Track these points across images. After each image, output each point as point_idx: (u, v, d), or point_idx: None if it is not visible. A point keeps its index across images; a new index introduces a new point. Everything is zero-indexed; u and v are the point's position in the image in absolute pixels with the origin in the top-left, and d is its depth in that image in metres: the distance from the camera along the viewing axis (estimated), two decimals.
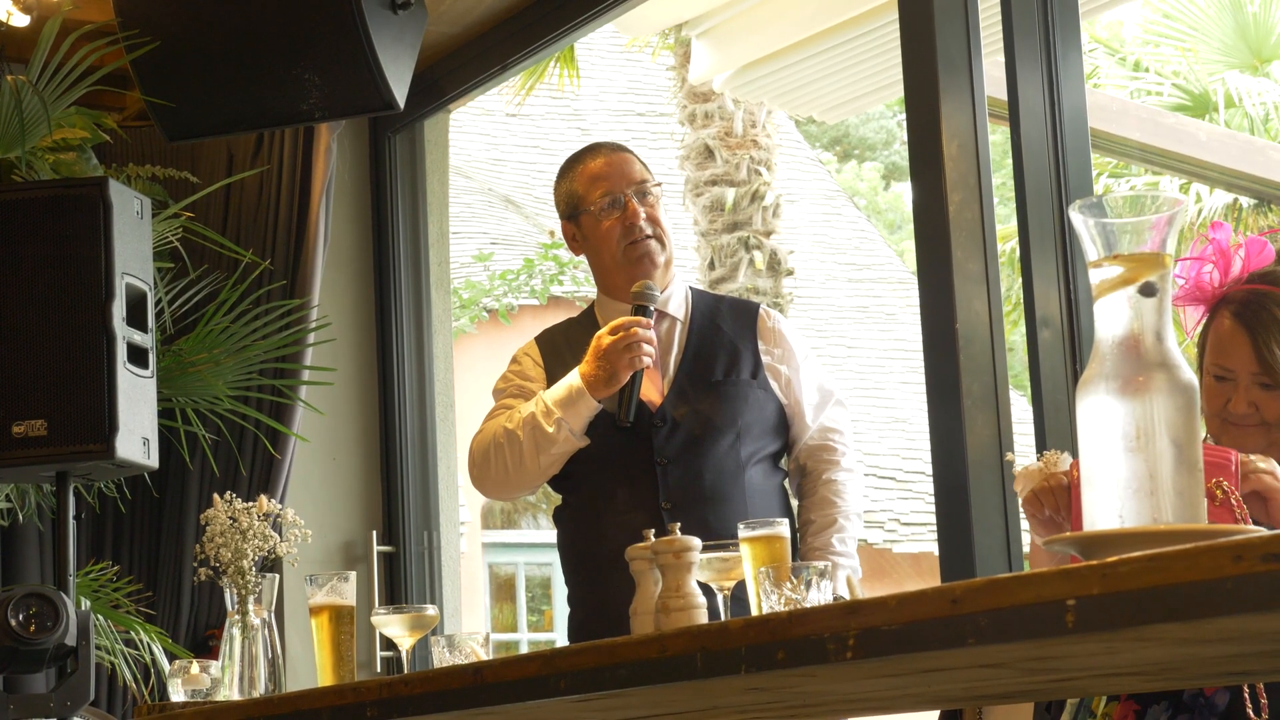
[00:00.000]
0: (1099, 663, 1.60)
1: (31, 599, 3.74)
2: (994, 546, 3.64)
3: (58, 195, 3.97)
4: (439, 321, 5.55)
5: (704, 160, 10.54)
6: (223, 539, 2.91)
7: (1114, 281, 1.45)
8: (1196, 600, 1.24)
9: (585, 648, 1.84)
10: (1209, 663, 1.67)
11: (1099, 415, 1.43)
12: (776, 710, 2.17)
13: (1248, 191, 8.95)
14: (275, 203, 5.25)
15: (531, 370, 3.67)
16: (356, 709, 2.21)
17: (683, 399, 3.53)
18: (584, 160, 3.66)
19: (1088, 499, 1.45)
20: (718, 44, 6.41)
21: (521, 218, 14.50)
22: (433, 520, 5.42)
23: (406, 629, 2.87)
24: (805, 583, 2.22)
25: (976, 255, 3.72)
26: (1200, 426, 1.46)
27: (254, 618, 2.94)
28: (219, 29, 4.51)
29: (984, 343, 3.70)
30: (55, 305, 3.90)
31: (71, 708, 3.78)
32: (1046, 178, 3.72)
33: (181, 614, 5.09)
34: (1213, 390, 2.66)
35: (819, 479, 3.58)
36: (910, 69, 3.83)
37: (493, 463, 3.56)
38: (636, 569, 2.41)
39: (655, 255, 3.58)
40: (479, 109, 14.65)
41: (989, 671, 1.67)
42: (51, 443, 3.85)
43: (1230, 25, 11.69)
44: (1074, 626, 1.32)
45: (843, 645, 1.53)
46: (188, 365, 4.76)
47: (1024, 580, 1.38)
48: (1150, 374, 1.42)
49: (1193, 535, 1.37)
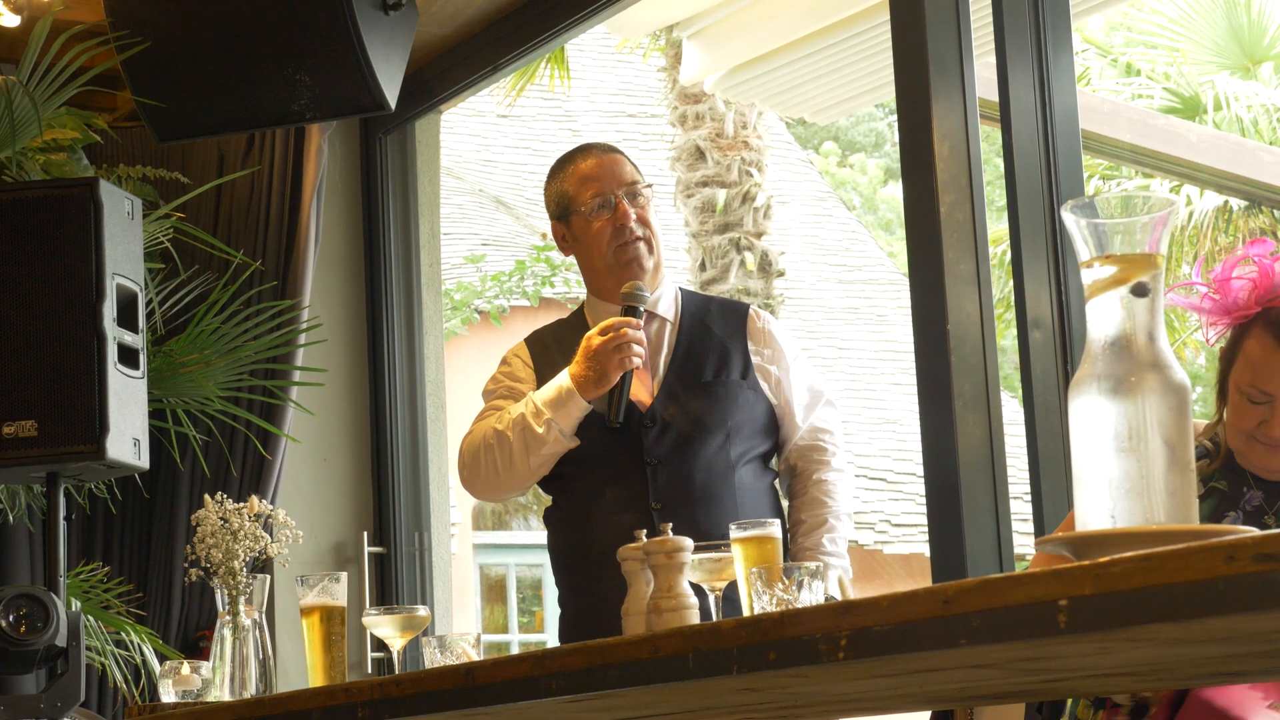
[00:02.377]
0: (1091, 663, 1.60)
1: (22, 600, 3.73)
2: (985, 547, 3.64)
3: (49, 196, 3.96)
4: (430, 323, 5.54)
5: (695, 161, 10.53)
6: (214, 540, 2.91)
7: (1106, 282, 1.45)
8: (1189, 600, 1.24)
9: (577, 648, 1.84)
10: (1201, 663, 1.67)
11: (1091, 415, 1.43)
12: (767, 711, 2.17)
13: (1238, 193, 8.96)
14: (266, 203, 5.25)
15: (521, 371, 3.66)
16: (348, 710, 2.20)
17: (672, 399, 3.53)
18: (575, 161, 3.66)
19: (1080, 499, 1.45)
20: (709, 45, 6.40)
21: (512, 219, 14.49)
22: (423, 521, 5.42)
23: (398, 630, 2.87)
24: (797, 583, 2.22)
25: (968, 256, 3.72)
26: (1192, 427, 1.46)
27: (245, 618, 2.93)
28: (210, 29, 4.50)
29: (975, 343, 3.70)
30: (46, 306, 3.89)
31: (62, 709, 3.78)
32: (1038, 178, 3.72)
33: (172, 615, 5.09)
34: (1243, 410, 2.62)
35: (809, 479, 3.57)
36: (902, 70, 3.83)
37: (483, 464, 3.55)
38: (628, 569, 2.41)
39: (644, 257, 3.58)
40: (469, 110, 14.64)
41: (981, 672, 1.67)
42: (42, 443, 3.84)
43: (1223, 27, 11.71)
44: (1066, 627, 1.32)
45: (835, 646, 1.53)
46: (178, 366, 4.75)
47: (1016, 581, 1.38)
48: (1142, 374, 1.42)
49: (1185, 535, 1.37)
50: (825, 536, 3.51)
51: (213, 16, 4.49)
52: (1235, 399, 2.63)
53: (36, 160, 4.47)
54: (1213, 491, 2.66)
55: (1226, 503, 2.63)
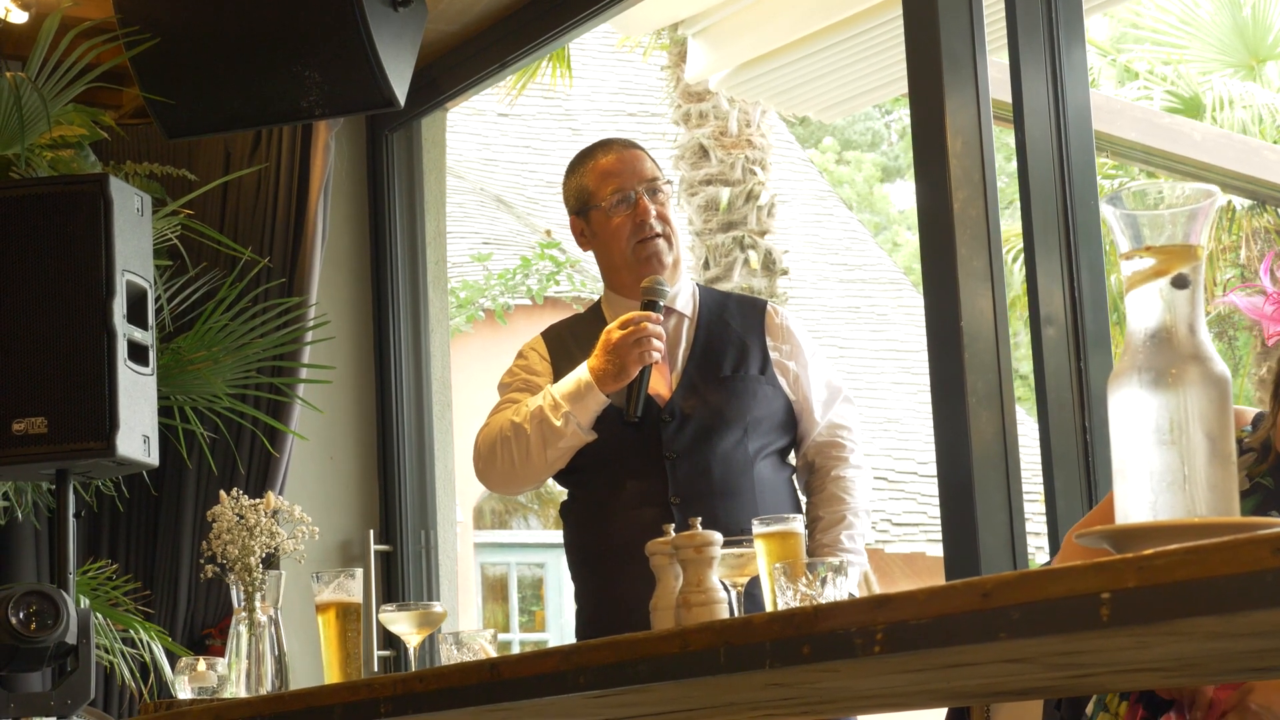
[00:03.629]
0: (1126, 657, 1.59)
1: (32, 597, 3.72)
2: (998, 545, 3.63)
3: (58, 192, 3.95)
4: (436, 320, 5.53)
5: (699, 160, 10.53)
6: (230, 535, 2.90)
7: (1146, 274, 1.44)
8: (1236, 593, 1.23)
9: (605, 643, 1.83)
10: (1233, 658, 1.66)
11: (1132, 408, 1.42)
12: (792, 707, 2.16)
13: (1243, 192, 8.95)
14: (273, 201, 5.24)
15: (538, 365, 3.65)
16: (370, 705, 2.19)
17: (691, 394, 3.52)
18: (596, 156, 3.65)
19: (1120, 492, 1.44)
20: (714, 43, 6.40)
21: (514, 218, 14.48)
22: (430, 519, 5.41)
23: (414, 626, 2.86)
24: (821, 579, 2.21)
25: (981, 253, 3.71)
26: (1233, 420, 1.45)
27: (261, 614, 2.92)
28: (219, 26, 4.49)
29: (988, 340, 3.69)
30: (56, 302, 3.88)
31: (72, 706, 3.76)
32: (1051, 175, 3.72)
33: (179, 612, 5.07)
34: None
35: (827, 475, 3.57)
36: (915, 66, 3.82)
37: (499, 456, 3.53)
38: (656, 564, 2.40)
39: (664, 253, 3.57)
40: (471, 109, 14.63)
41: (1014, 666, 1.66)
42: (52, 440, 3.82)
43: (1228, 24, 11.70)
44: (1109, 620, 1.31)
45: (870, 640, 1.52)
46: (186, 363, 4.75)
47: (1057, 574, 1.36)
48: (1183, 366, 1.41)
49: (1228, 528, 1.36)
50: (844, 534, 3.50)
51: (221, 13, 4.48)
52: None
53: (44, 157, 4.46)
54: (1258, 488, 2.64)
55: (1272, 500, 2.61)
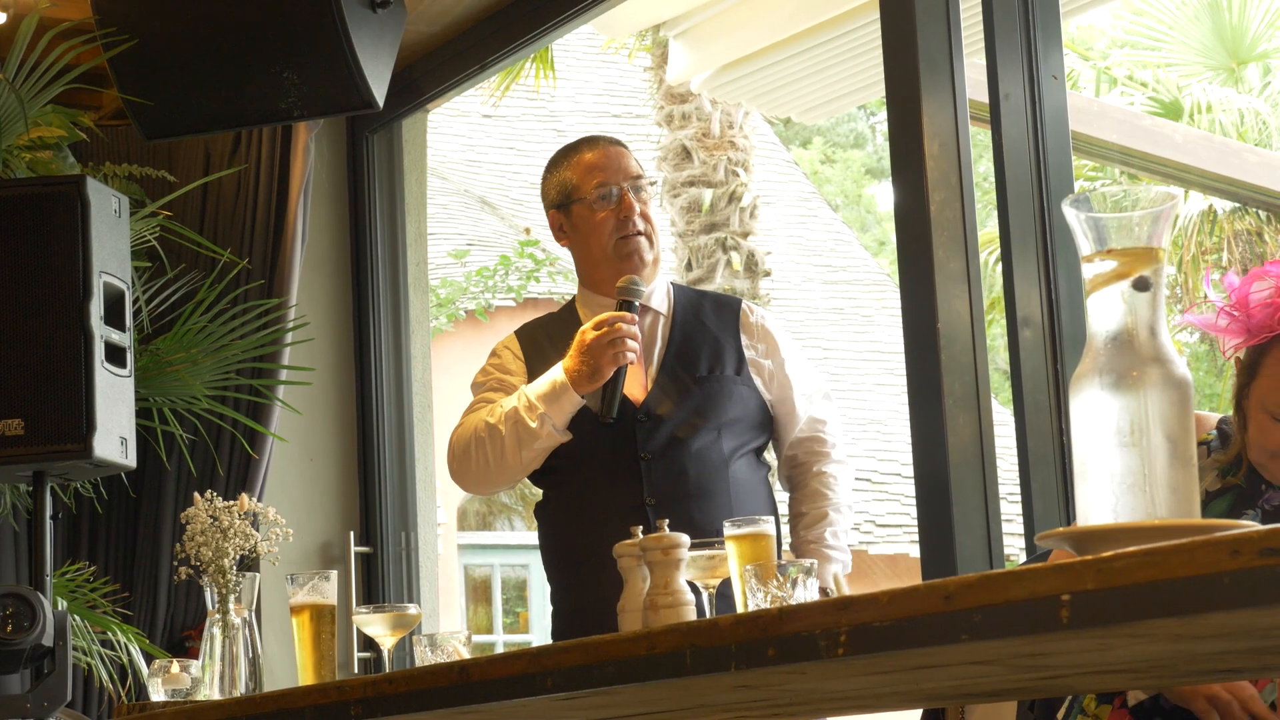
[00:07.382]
0: (1091, 659, 1.59)
1: (8, 599, 3.71)
2: (975, 547, 3.64)
3: (36, 193, 3.94)
4: (417, 321, 5.53)
5: (681, 161, 10.53)
6: (203, 538, 2.89)
7: (1107, 276, 1.45)
8: (1193, 595, 1.23)
9: (573, 645, 1.83)
10: (1199, 659, 1.67)
11: (1093, 410, 1.43)
12: (762, 709, 2.16)
13: (1224, 194, 8.97)
14: (253, 202, 5.23)
15: (511, 364, 3.64)
16: (340, 708, 2.19)
17: (666, 394, 3.51)
18: (580, 150, 3.64)
19: (1081, 494, 1.45)
20: (696, 44, 6.39)
21: (497, 219, 14.47)
22: (410, 521, 5.40)
23: (388, 628, 2.86)
24: (791, 581, 2.22)
25: (958, 254, 3.72)
26: (1194, 422, 1.45)
27: (235, 617, 2.92)
28: (197, 27, 4.48)
29: (965, 342, 3.69)
30: (32, 304, 3.87)
31: (49, 708, 3.76)
32: (1028, 177, 3.72)
33: (158, 615, 5.07)
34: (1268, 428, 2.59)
35: (809, 471, 3.57)
36: (891, 68, 3.83)
37: (473, 457, 3.53)
38: (624, 566, 2.40)
39: (645, 251, 3.57)
40: (454, 110, 14.62)
41: (979, 668, 1.66)
42: (28, 442, 3.82)
43: (1208, 27, 11.73)
44: (1069, 622, 1.32)
45: (834, 642, 1.52)
46: (165, 365, 4.74)
47: (1018, 576, 1.37)
48: (1144, 369, 1.42)
49: (1187, 530, 1.36)
50: (827, 530, 3.51)
51: (200, 14, 4.47)
52: (1260, 418, 2.60)
53: (22, 158, 4.46)
54: (1230, 488, 2.65)
55: (1244, 500, 2.62)
